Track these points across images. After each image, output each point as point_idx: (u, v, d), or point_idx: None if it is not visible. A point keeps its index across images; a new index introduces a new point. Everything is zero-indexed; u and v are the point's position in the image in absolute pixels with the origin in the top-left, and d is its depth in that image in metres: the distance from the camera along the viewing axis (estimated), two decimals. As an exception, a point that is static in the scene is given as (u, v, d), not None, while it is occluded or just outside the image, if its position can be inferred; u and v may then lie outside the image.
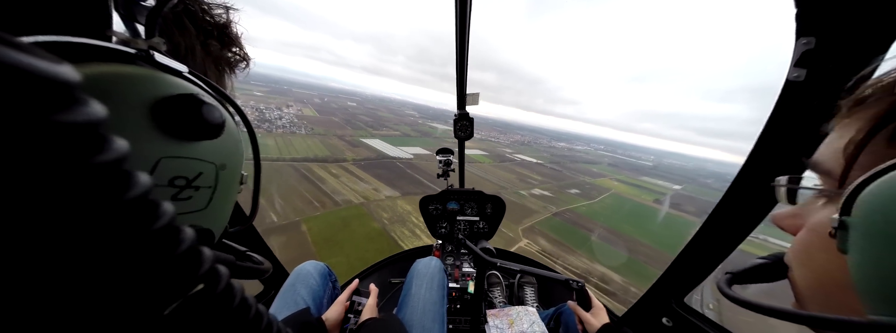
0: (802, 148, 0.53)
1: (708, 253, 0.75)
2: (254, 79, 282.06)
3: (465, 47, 1.05)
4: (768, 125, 0.56)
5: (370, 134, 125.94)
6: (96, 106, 0.11)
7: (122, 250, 0.12)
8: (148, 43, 0.27)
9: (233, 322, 0.18)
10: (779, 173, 0.33)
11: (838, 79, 0.46)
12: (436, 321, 0.87)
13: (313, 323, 0.78)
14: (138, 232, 0.13)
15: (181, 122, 0.26)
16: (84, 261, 0.11)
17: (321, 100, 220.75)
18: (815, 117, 0.50)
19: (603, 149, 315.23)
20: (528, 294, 1.51)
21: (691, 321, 0.83)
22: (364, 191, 50.35)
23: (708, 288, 26.96)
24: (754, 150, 0.59)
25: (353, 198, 46.41)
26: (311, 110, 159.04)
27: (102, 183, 0.11)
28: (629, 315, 1.02)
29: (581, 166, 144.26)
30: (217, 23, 0.38)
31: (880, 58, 0.42)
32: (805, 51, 0.46)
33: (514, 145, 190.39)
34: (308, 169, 56.92)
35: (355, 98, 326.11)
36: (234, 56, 0.42)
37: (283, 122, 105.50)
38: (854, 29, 0.42)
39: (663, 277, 0.88)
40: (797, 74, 0.48)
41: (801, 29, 0.45)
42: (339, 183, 51.45)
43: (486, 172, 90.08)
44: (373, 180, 57.38)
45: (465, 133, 1.45)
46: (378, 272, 1.69)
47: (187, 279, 0.15)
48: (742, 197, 0.64)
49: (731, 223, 0.68)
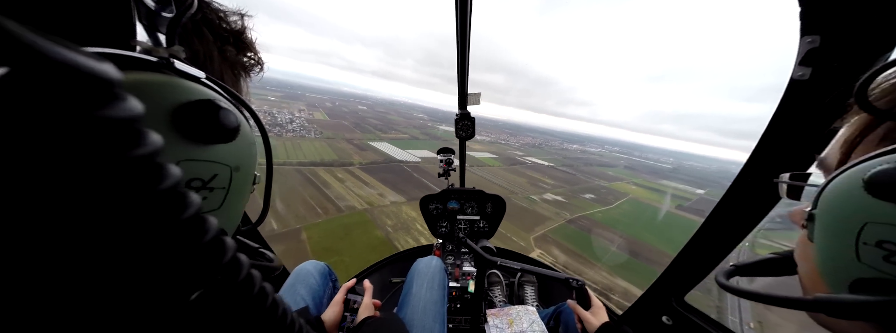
0: (805, 147, 0.53)
1: (708, 251, 0.75)
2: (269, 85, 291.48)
3: (465, 47, 1.06)
4: (772, 123, 0.56)
5: (379, 137, 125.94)
6: (134, 102, 0.12)
7: (155, 236, 0.13)
8: (169, 51, 0.28)
9: (252, 308, 0.19)
10: (781, 172, 0.34)
11: (843, 78, 0.45)
12: (436, 320, 0.88)
13: (312, 323, 0.79)
14: (170, 220, 0.13)
15: (199, 127, 0.27)
16: (121, 246, 0.12)
17: (332, 104, 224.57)
18: (820, 116, 0.50)
19: (618, 151, 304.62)
20: (529, 294, 1.50)
21: (691, 319, 0.83)
22: (369, 197, 49.03)
23: (748, 307, 23.87)
24: (757, 149, 0.59)
25: (356, 204, 45.14)
26: (321, 114, 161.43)
27: (140, 174, 0.12)
28: (629, 314, 1.01)
29: (595, 169, 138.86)
30: (233, 29, 0.41)
31: (885, 56, 0.42)
32: (810, 49, 0.45)
33: (524, 148, 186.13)
34: (314, 174, 56.36)
35: (366, 101, 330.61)
36: (249, 60, 0.45)
37: (293, 126, 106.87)
38: (859, 27, 0.42)
39: (663, 276, 0.88)
40: (802, 73, 0.48)
41: (806, 27, 0.45)
42: (343, 188, 50.41)
43: (496, 175, 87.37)
44: (378, 185, 56.10)
45: (466, 132, 1.46)
46: (379, 271, 1.68)
47: (212, 266, 0.16)
48: (744, 196, 0.65)
49: (733, 221, 0.68)
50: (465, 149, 1.63)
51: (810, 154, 0.53)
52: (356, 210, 42.48)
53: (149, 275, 0.13)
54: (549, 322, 1.09)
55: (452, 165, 1.62)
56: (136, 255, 0.13)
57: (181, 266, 0.14)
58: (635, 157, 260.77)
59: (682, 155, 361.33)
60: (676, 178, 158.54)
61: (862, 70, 0.42)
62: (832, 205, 0.24)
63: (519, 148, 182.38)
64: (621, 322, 1.04)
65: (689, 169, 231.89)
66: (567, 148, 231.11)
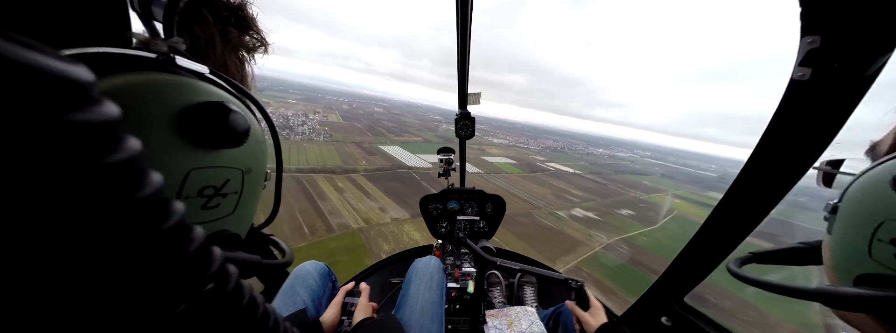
0: (805, 148, 0.53)
1: (709, 252, 0.75)
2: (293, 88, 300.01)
3: (466, 47, 1.07)
4: (771, 125, 0.56)
5: (390, 140, 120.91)
6: (109, 105, 0.11)
7: (132, 248, 0.12)
8: (167, 43, 0.26)
9: (241, 320, 0.18)
10: (781, 173, 0.33)
11: (843, 79, 0.45)
12: (434, 321, 0.87)
13: (310, 325, 0.78)
14: (148, 230, 0.12)
15: (208, 133, 0.25)
16: (94, 259, 0.11)
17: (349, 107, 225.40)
18: (819, 117, 0.50)
19: (650, 156, 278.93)
20: (528, 294, 1.52)
21: (691, 320, 0.83)
22: (367, 212, 42.53)
23: None
24: (757, 150, 0.59)
25: (351, 222, 38.69)
26: (336, 116, 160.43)
27: (114, 182, 0.11)
28: (628, 315, 1.01)
29: (628, 178, 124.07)
30: (232, 5, 0.38)
31: (885, 57, 0.42)
32: (810, 50, 0.45)
33: (545, 152, 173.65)
34: (311, 182, 50.98)
35: (383, 104, 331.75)
36: (253, 40, 0.41)
37: (303, 129, 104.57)
38: (860, 28, 0.41)
39: (663, 276, 0.88)
40: (802, 73, 0.48)
41: (806, 27, 0.45)
42: (340, 201, 44.33)
43: (515, 185, 77.98)
44: (381, 196, 49.58)
45: (466, 132, 1.49)
46: (378, 272, 1.68)
47: (198, 278, 0.15)
48: (744, 197, 0.65)
49: (733, 222, 0.68)
50: (466, 148, 1.64)
51: (811, 155, 0.53)
52: (349, 229, 35.97)
53: (126, 288, 0.12)
54: (549, 322, 1.09)
55: (452, 165, 1.63)
56: (111, 268, 0.12)
57: (163, 278, 0.13)
58: (671, 164, 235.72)
59: (727, 161, 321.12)
60: (724, 189, 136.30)
61: (861, 71, 0.43)
62: (856, 199, 0.24)
63: (540, 152, 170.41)
64: (620, 323, 1.03)
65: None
66: (593, 152, 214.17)
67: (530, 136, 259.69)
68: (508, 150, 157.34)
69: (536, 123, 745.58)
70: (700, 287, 0.80)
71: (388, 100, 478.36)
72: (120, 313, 0.12)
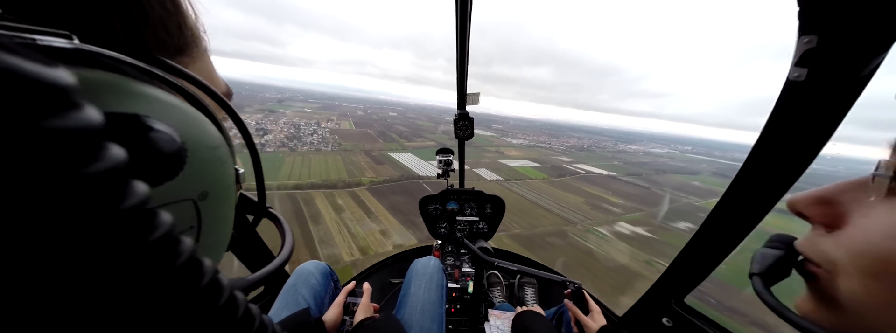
0: (802, 149, 0.53)
1: (708, 252, 0.75)
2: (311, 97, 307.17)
3: (465, 47, 1.08)
4: (768, 125, 0.56)
5: (401, 147, 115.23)
6: (90, 111, 0.10)
7: (122, 261, 0.12)
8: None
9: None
10: (779, 173, 0.32)
11: (840, 79, 0.45)
12: (434, 321, 0.88)
13: (312, 324, 0.78)
14: (136, 243, 0.12)
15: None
16: (73, 276, 0.10)
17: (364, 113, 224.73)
18: (816, 118, 0.50)
19: (691, 150, 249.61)
20: (529, 295, 1.52)
21: (691, 321, 0.84)
22: (366, 237, 35.52)
23: None
24: (754, 151, 0.60)
25: (344, 253, 31.82)
26: (349, 123, 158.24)
27: (96, 195, 0.10)
28: (629, 316, 1.01)
29: (673, 178, 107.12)
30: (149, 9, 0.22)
31: (880, 57, 0.42)
32: (806, 50, 0.45)
33: (571, 152, 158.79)
34: (308, 201, 45.15)
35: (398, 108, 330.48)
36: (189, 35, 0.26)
37: (312, 139, 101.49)
38: (857, 28, 0.41)
39: (663, 277, 0.88)
40: (798, 74, 0.47)
41: (804, 27, 0.44)
42: (336, 225, 37.74)
43: (541, 193, 66.49)
44: (384, 215, 42.50)
45: (465, 133, 1.49)
46: (377, 272, 1.70)
47: (187, 293, 0.14)
48: (743, 197, 0.65)
49: (732, 222, 0.68)
50: (465, 148, 1.66)
51: (808, 155, 0.53)
52: (341, 263, 29.20)
53: (111, 303, 0.11)
54: (552, 322, 1.08)
55: (451, 166, 1.65)
56: (95, 281, 0.11)
57: (149, 292, 0.13)
58: (719, 159, 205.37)
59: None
60: (796, 189, 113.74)
61: (857, 72, 0.43)
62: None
63: (564, 152, 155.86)
64: (620, 324, 1.03)
65: (810, 173, 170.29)
66: (624, 149, 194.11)
67: (552, 134, 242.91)
68: (529, 152, 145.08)
69: (557, 120, 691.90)
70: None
71: (403, 104, 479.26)
72: (103, 325, 0.11)
